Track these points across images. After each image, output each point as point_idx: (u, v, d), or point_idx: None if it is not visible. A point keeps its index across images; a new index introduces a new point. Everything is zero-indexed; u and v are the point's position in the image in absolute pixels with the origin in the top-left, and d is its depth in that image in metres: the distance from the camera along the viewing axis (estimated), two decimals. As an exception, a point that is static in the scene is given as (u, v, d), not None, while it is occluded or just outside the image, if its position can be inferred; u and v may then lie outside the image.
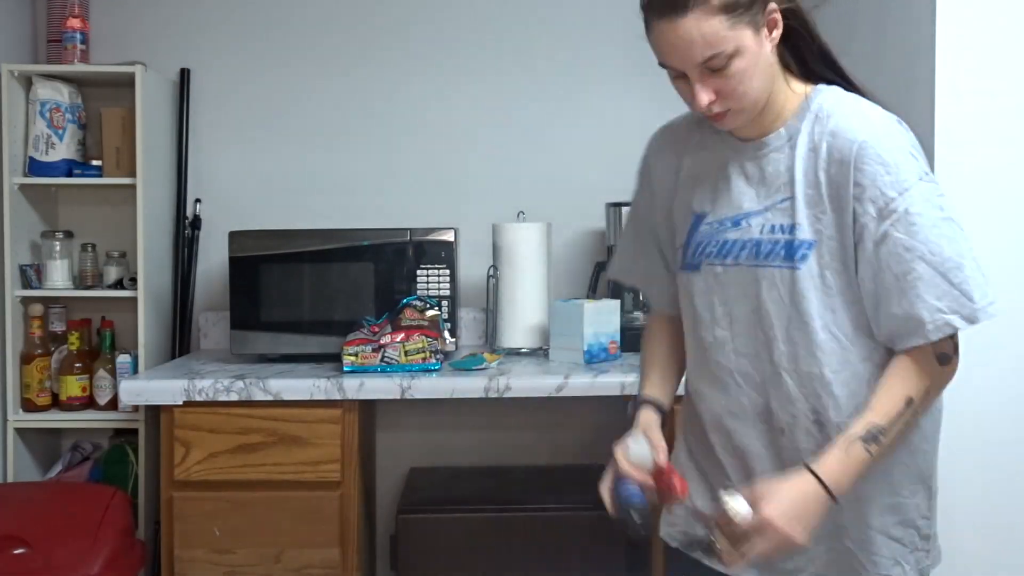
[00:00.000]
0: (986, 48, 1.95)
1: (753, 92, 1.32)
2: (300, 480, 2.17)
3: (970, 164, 1.96)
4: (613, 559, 2.24)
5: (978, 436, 1.98)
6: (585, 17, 2.84)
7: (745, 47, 1.28)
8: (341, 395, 2.15)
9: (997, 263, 1.96)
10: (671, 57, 1.34)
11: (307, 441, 2.16)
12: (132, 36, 2.80)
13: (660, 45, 1.34)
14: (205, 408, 2.18)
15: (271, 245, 2.44)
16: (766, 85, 1.34)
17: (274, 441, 2.16)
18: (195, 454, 2.16)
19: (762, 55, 1.31)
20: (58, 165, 2.58)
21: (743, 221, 1.38)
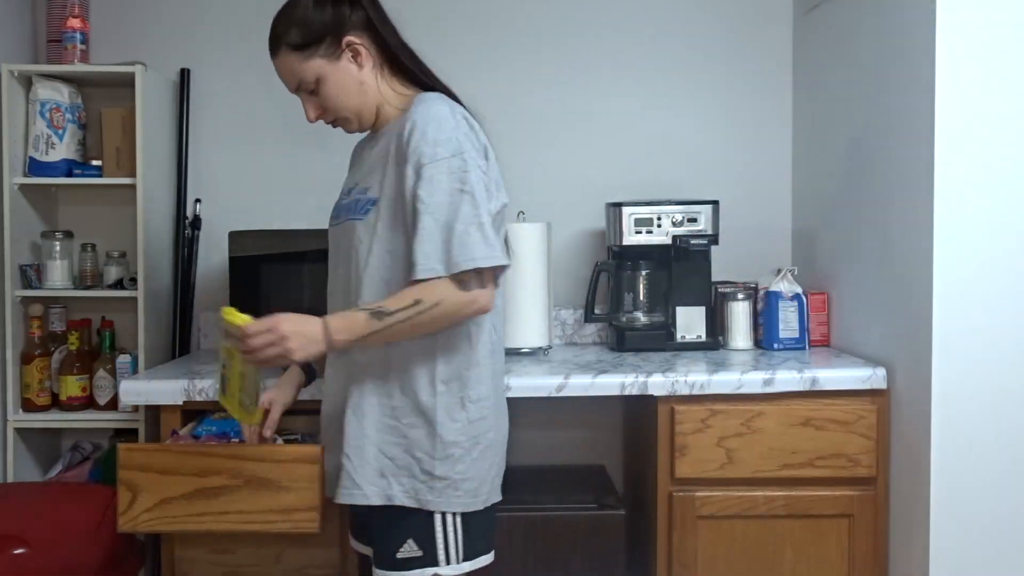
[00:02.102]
0: (986, 48, 1.95)
1: (347, 106, 1.72)
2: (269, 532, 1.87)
3: (970, 164, 1.96)
4: (613, 559, 2.24)
5: (978, 436, 1.98)
6: (584, 18, 2.84)
7: (325, 75, 1.70)
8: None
9: (997, 263, 1.97)
10: (284, 84, 1.76)
11: (279, 485, 1.84)
12: (132, 36, 2.80)
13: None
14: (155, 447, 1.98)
15: (271, 245, 2.44)
16: (359, 98, 1.73)
17: (238, 484, 1.84)
18: (143, 500, 1.84)
19: (348, 78, 1.71)
20: (58, 165, 2.58)
21: (352, 191, 1.76)
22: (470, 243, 1.59)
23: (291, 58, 1.71)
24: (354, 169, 1.86)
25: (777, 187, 2.86)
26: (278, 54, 1.73)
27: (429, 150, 1.61)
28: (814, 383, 2.15)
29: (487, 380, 1.71)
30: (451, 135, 1.63)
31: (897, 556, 2.15)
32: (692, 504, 2.16)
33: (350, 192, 1.77)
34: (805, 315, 2.52)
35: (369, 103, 1.74)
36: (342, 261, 1.74)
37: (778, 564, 2.17)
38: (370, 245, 1.66)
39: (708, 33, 2.84)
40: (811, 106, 2.73)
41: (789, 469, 2.16)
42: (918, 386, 2.03)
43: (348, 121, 1.76)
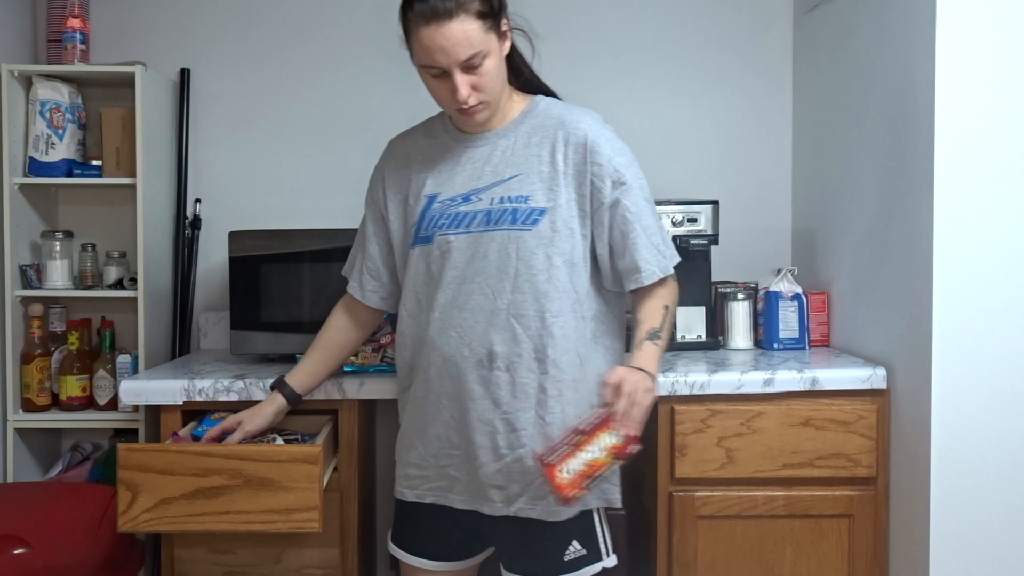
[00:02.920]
0: (986, 48, 1.95)
1: (498, 88, 1.67)
2: (269, 532, 1.89)
3: (970, 164, 1.96)
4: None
5: (978, 436, 1.98)
6: (584, 18, 2.84)
7: (492, 50, 1.62)
8: (341, 395, 2.14)
9: (997, 263, 1.97)
10: (438, 57, 1.59)
11: (279, 485, 1.85)
12: (132, 36, 2.80)
13: (427, 47, 1.59)
14: (155, 447, 1.95)
15: (271, 245, 2.44)
16: (504, 85, 1.70)
17: (238, 484, 1.85)
18: (143, 500, 1.84)
19: (502, 59, 1.67)
20: (58, 165, 2.58)
21: (473, 196, 1.69)
22: (669, 243, 1.77)
23: (473, 25, 1.57)
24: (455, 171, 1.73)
25: (777, 187, 2.86)
26: (455, 18, 1.56)
27: (622, 160, 1.72)
28: (814, 383, 2.15)
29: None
30: (624, 144, 1.76)
31: (897, 556, 2.15)
32: (692, 504, 2.16)
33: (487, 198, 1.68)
34: (805, 315, 2.52)
35: (504, 91, 1.72)
36: (489, 271, 1.68)
37: (778, 564, 2.17)
38: (548, 255, 1.67)
39: (708, 33, 2.84)
40: (811, 106, 2.73)
41: (789, 469, 2.16)
42: (918, 386, 2.03)
43: (488, 106, 1.68)
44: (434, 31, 1.56)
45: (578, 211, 1.69)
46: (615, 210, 1.70)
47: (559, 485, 1.58)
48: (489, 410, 1.68)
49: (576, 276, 1.70)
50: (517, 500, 1.70)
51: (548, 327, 1.66)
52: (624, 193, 1.70)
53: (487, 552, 1.83)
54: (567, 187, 1.68)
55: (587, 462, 1.59)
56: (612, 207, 1.70)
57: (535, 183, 1.68)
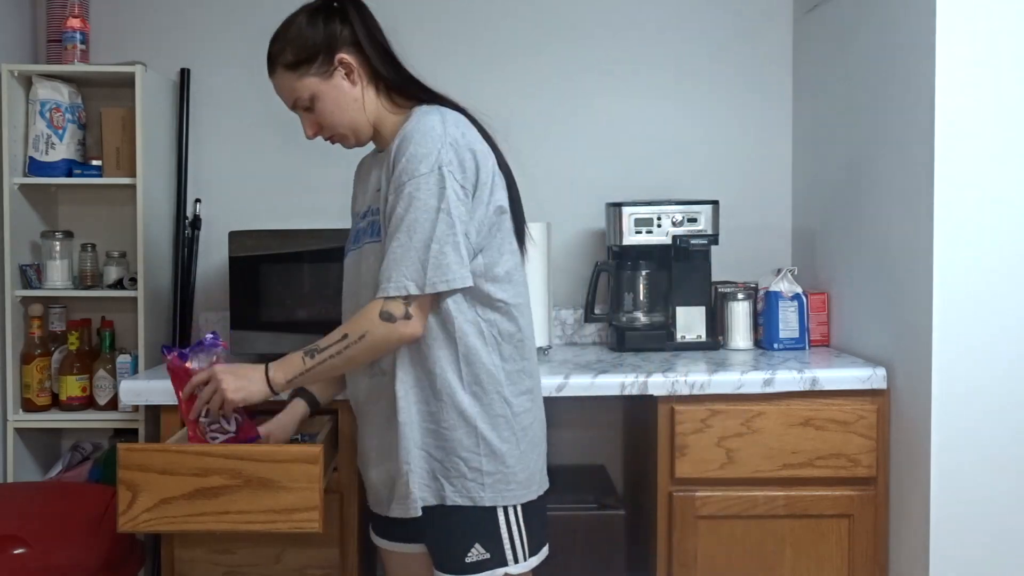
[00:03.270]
0: (986, 48, 1.95)
1: (344, 122, 1.74)
2: (269, 532, 1.86)
3: (970, 164, 1.96)
4: (613, 559, 2.24)
5: (978, 436, 1.98)
6: (584, 18, 2.84)
7: (319, 92, 1.71)
8: (341, 396, 2.14)
9: (997, 263, 1.97)
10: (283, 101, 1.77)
11: (279, 485, 1.82)
12: (132, 36, 2.80)
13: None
14: (155, 447, 1.92)
15: (271, 245, 2.44)
16: (356, 116, 1.74)
17: (238, 484, 1.82)
18: (143, 500, 1.82)
19: (342, 95, 1.72)
20: (58, 165, 2.58)
21: (367, 215, 1.75)
22: (444, 264, 1.61)
23: (286, 77, 1.73)
24: (361, 188, 1.85)
25: (777, 187, 2.86)
26: (274, 73, 1.75)
27: (408, 167, 1.62)
28: (814, 383, 2.15)
29: (525, 374, 1.75)
30: (432, 147, 1.62)
31: (897, 556, 2.15)
32: (692, 504, 2.16)
33: (364, 215, 1.77)
34: (805, 315, 2.52)
35: (365, 119, 1.75)
36: (360, 285, 1.74)
37: (778, 564, 2.17)
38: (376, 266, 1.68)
39: (708, 33, 2.84)
40: (811, 106, 2.73)
41: (789, 469, 2.16)
42: (918, 386, 2.03)
43: (345, 137, 1.78)
44: (272, 81, 1.77)
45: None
46: (390, 216, 1.64)
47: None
48: (375, 415, 1.76)
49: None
50: (391, 503, 1.75)
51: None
52: (400, 200, 1.62)
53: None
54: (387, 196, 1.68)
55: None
56: (389, 213, 1.65)
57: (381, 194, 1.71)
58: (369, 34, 1.75)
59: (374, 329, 1.63)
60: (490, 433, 1.69)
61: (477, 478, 1.68)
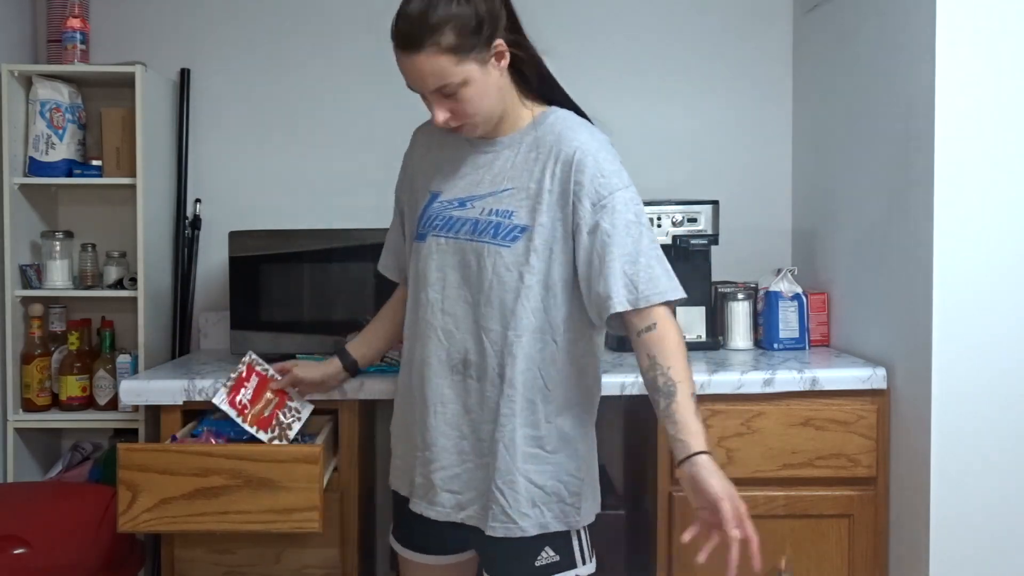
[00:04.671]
0: (986, 48, 1.95)
1: (484, 111, 1.62)
2: (269, 532, 1.90)
3: (970, 164, 1.96)
4: (613, 559, 2.24)
5: (978, 436, 1.98)
6: (584, 19, 2.84)
7: (472, 78, 1.57)
8: (341, 395, 2.14)
9: (997, 263, 1.97)
10: (411, 83, 1.61)
11: (279, 485, 1.85)
12: (132, 36, 2.80)
13: (402, 71, 1.60)
14: (155, 447, 1.95)
15: (271, 245, 2.44)
16: (496, 104, 1.63)
17: (238, 484, 1.85)
18: (143, 500, 1.84)
19: (490, 82, 1.60)
20: (58, 165, 2.58)
21: (468, 203, 1.67)
22: (656, 277, 1.59)
23: (439, 59, 1.54)
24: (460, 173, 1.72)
25: (777, 187, 2.86)
26: (422, 52, 1.54)
27: (607, 181, 1.60)
28: (814, 383, 2.15)
29: (597, 397, 1.78)
30: (619, 165, 1.64)
31: (897, 556, 2.15)
32: (692, 504, 2.16)
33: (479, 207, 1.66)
34: (805, 315, 2.52)
35: (501, 109, 1.66)
36: (471, 280, 1.67)
37: (778, 564, 2.17)
38: (520, 274, 1.62)
39: (708, 33, 2.84)
40: (811, 106, 2.73)
41: (789, 469, 2.16)
42: (918, 386, 2.03)
43: (476, 126, 1.65)
44: (404, 59, 1.57)
45: (562, 232, 1.62)
46: (594, 235, 1.59)
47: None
48: (459, 415, 1.68)
49: (551, 299, 1.63)
50: (468, 508, 1.69)
51: (510, 346, 1.63)
52: (605, 216, 1.59)
53: (471, 552, 1.81)
54: (551, 206, 1.62)
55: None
56: (592, 231, 1.60)
57: (522, 200, 1.63)
58: (518, 26, 1.66)
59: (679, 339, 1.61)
60: (586, 455, 1.71)
61: (575, 502, 1.68)
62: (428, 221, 1.71)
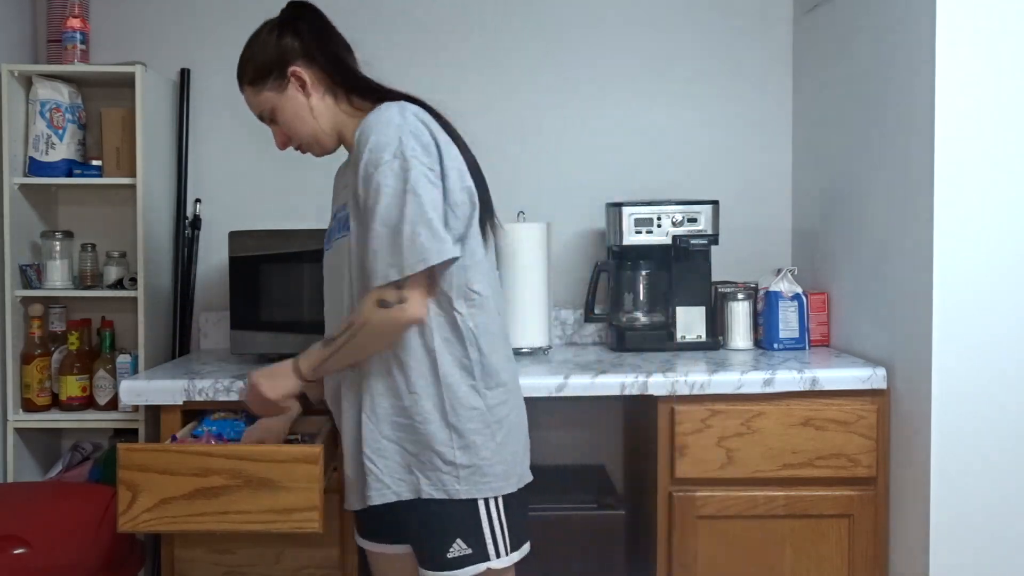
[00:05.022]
0: (986, 48, 1.95)
1: (303, 133, 1.80)
2: (269, 532, 1.87)
3: (970, 164, 1.96)
4: (613, 559, 2.24)
5: (978, 436, 1.98)
6: (584, 18, 2.84)
7: (277, 105, 1.79)
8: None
9: (997, 263, 1.97)
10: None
11: (279, 485, 1.83)
12: (132, 36, 2.80)
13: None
14: (155, 447, 1.95)
15: (271, 245, 2.44)
16: (315, 124, 1.79)
17: (238, 484, 1.84)
18: (143, 500, 1.83)
19: (299, 106, 1.78)
20: (58, 165, 2.58)
21: (338, 213, 1.80)
22: (416, 245, 1.59)
23: (248, 92, 1.82)
24: (336, 191, 1.91)
25: (777, 187, 2.86)
26: (241, 90, 1.84)
27: (373, 156, 1.63)
28: (814, 383, 2.15)
29: (501, 366, 1.73)
30: (393, 135, 1.63)
31: (897, 556, 2.15)
32: (692, 504, 2.16)
33: (335, 214, 1.82)
34: (805, 315, 2.52)
35: (323, 128, 1.79)
36: (335, 280, 1.79)
37: (778, 564, 2.17)
38: (350, 260, 1.71)
39: (708, 33, 2.84)
40: (811, 106, 2.73)
41: (789, 469, 2.16)
42: (918, 386, 2.03)
43: (310, 146, 1.83)
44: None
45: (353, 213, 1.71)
46: (364, 210, 1.65)
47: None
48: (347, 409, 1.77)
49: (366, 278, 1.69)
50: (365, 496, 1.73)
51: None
52: (370, 192, 1.63)
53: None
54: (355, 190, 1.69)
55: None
56: (363, 207, 1.65)
57: (349, 191, 1.73)
58: (320, 44, 1.79)
59: (372, 316, 1.64)
60: (464, 426, 1.68)
61: (452, 471, 1.67)
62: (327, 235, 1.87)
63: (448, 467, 1.68)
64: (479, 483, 1.69)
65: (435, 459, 1.68)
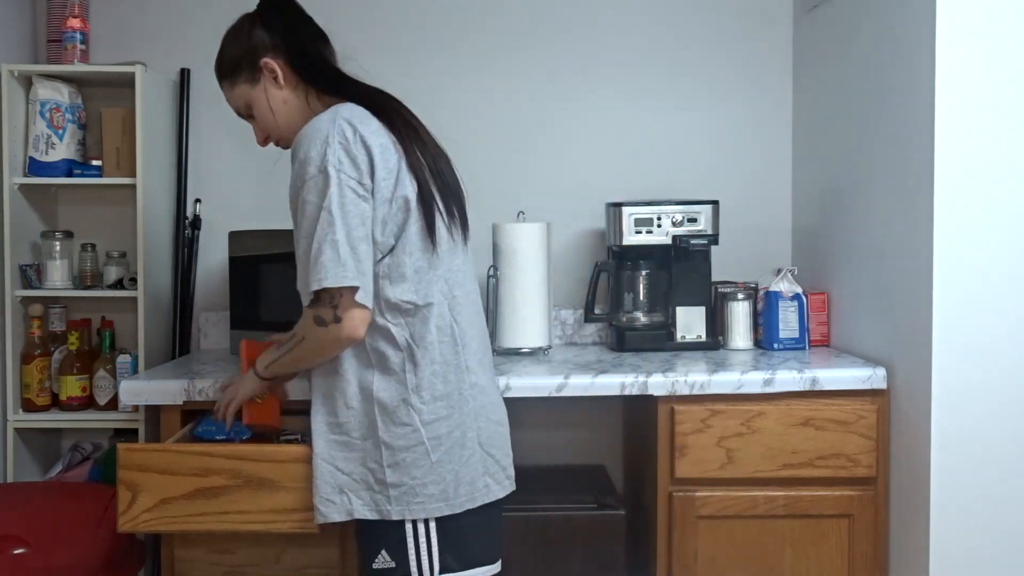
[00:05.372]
0: (986, 48, 1.95)
1: (276, 126, 1.78)
2: (269, 532, 1.88)
3: (970, 164, 1.96)
4: (613, 559, 2.24)
5: (978, 436, 1.98)
6: (584, 19, 2.84)
7: (252, 98, 1.77)
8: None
9: (997, 263, 1.97)
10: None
11: (279, 485, 1.83)
12: (132, 36, 2.80)
13: None
14: (155, 447, 1.93)
15: (271, 245, 2.44)
16: (286, 117, 1.77)
17: (238, 484, 1.84)
18: (143, 500, 1.84)
19: (272, 98, 1.76)
20: (58, 165, 2.58)
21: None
22: (320, 262, 1.57)
23: (225, 87, 1.82)
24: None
25: (777, 187, 2.86)
26: (221, 87, 1.84)
27: (301, 171, 1.62)
28: (814, 383, 2.15)
29: (440, 379, 1.67)
30: (318, 150, 1.60)
31: (897, 556, 2.15)
32: (692, 504, 2.16)
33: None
34: (805, 315, 2.52)
35: (298, 121, 1.73)
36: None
37: (778, 564, 2.17)
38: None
39: (708, 33, 2.84)
40: (811, 106, 2.73)
41: (789, 469, 2.16)
42: (918, 386, 2.03)
43: (284, 138, 1.80)
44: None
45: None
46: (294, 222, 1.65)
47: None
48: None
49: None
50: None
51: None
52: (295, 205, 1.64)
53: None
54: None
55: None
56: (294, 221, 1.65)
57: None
58: (290, 37, 1.76)
59: (309, 333, 1.65)
60: (395, 443, 1.64)
61: (383, 491, 1.65)
62: None
63: (379, 486, 1.66)
64: (411, 503, 1.65)
65: (369, 477, 1.67)
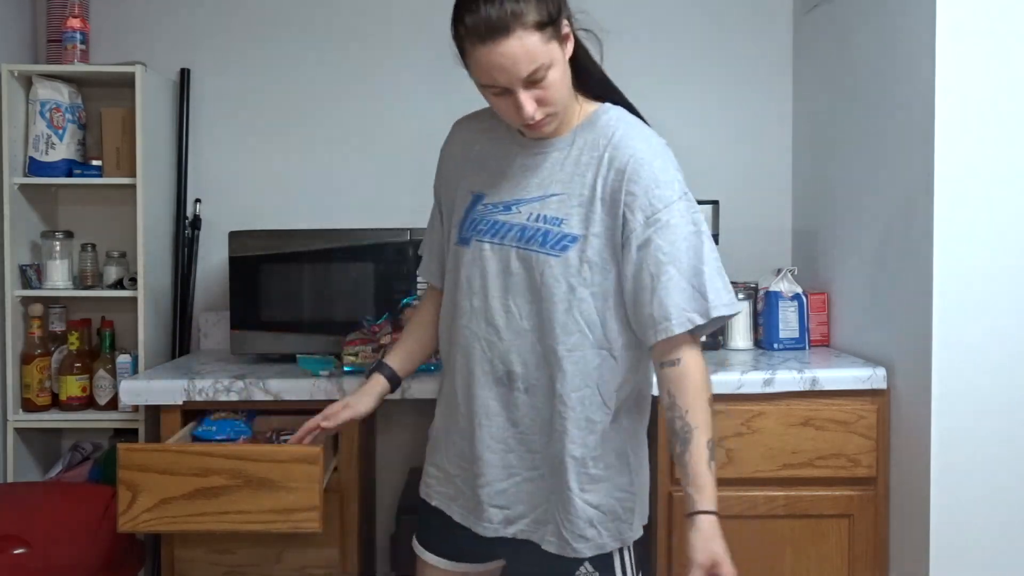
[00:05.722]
0: (986, 48, 1.95)
1: (563, 99, 1.52)
2: (269, 532, 1.88)
3: (970, 164, 1.96)
4: (613, 559, 2.23)
5: (978, 436, 1.98)
6: (583, 19, 2.83)
7: (556, 59, 1.47)
8: (341, 395, 2.14)
9: (997, 263, 1.97)
10: (498, 77, 1.45)
11: (279, 485, 1.83)
12: (132, 36, 2.80)
13: (485, 67, 1.46)
14: (155, 447, 1.95)
15: (271, 245, 2.44)
16: (570, 93, 1.55)
17: (238, 484, 1.84)
18: (143, 500, 1.83)
19: (566, 66, 1.51)
20: (58, 165, 2.58)
21: (514, 207, 1.57)
22: (718, 287, 1.50)
23: (532, 39, 1.43)
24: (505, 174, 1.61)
25: (777, 187, 2.86)
26: (512, 34, 1.41)
27: (662, 193, 1.50)
28: (814, 383, 2.15)
29: (648, 403, 1.68)
30: (673, 173, 1.53)
31: (897, 556, 2.15)
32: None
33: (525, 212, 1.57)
34: (805, 315, 2.52)
35: (570, 104, 1.56)
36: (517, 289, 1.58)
37: (778, 564, 2.17)
38: (571, 286, 1.53)
39: (708, 33, 2.84)
40: (811, 106, 2.73)
41: (789, 469, 2.16)
42: (918, 386, 2.03)
43: (556, 117, 1.54)
44: (491, 50, 1.42)
45: (614, 241, 1.53)
46: (644, 250, 1.50)
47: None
48: (505, 429, 1.60)
49: (607, 312, 1.54)
50: (518, 522, 1.62)
51: (560, 360, 1.54)
52: (658, 232, 1.49)
53: (500, 561, 1.74)
54: (603, 215, 1.52)
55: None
56: (641, 247, 1.50)
57: (573, 207, 1.53)
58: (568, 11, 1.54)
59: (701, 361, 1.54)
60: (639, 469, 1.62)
61: (629, 518, 1.60)
62: (472, 225, 1.61)
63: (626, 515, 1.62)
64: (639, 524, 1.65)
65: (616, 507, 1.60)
